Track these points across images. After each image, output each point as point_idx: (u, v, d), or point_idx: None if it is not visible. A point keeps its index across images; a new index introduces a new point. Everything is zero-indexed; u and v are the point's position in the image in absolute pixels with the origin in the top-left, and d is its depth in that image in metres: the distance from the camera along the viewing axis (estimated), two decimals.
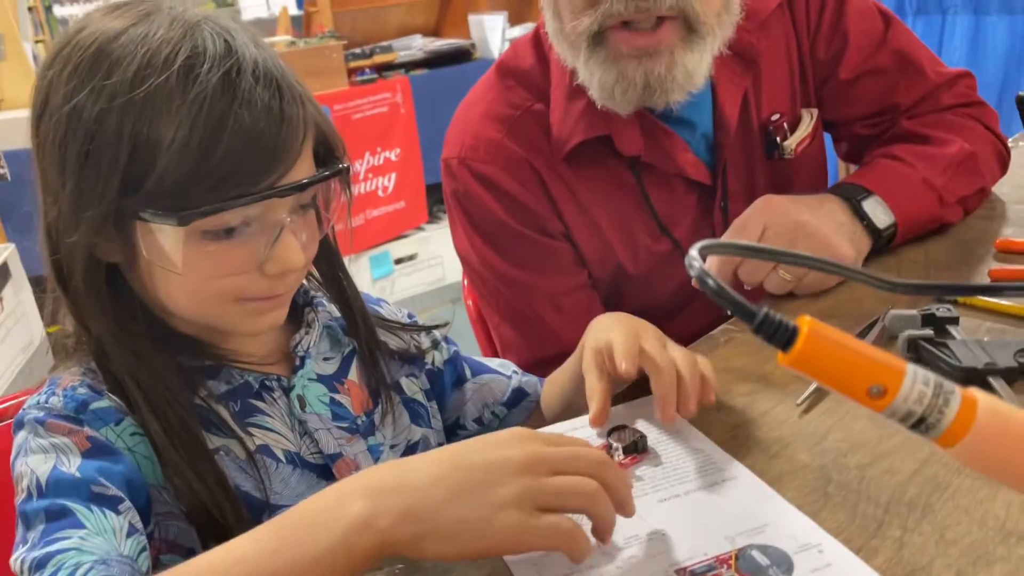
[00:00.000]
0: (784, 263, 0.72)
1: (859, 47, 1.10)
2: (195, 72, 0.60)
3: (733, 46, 1.02)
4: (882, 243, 1.02)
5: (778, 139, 1.08)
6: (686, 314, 1.12)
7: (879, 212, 1.01)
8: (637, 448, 0.70)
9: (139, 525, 0.61)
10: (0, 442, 0.80)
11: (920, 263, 1.02)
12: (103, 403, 0.66)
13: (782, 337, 0.37)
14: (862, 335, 0.86)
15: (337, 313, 0.82)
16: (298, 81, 0.66)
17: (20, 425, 0.66)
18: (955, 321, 0.84)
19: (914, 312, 0.84)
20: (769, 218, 0.95)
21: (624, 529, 0.60)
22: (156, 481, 0.66)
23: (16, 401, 0.94)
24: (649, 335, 0.73)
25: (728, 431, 0.74)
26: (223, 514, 0.65)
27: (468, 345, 1.17)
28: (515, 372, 0.92)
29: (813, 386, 0.78)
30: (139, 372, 0.66)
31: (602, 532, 0.54)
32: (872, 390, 0.36)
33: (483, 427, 0.90)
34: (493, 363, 0.92)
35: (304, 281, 0.80)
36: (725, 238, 0.95)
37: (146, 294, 0.68)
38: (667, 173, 1.05)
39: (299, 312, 0.79)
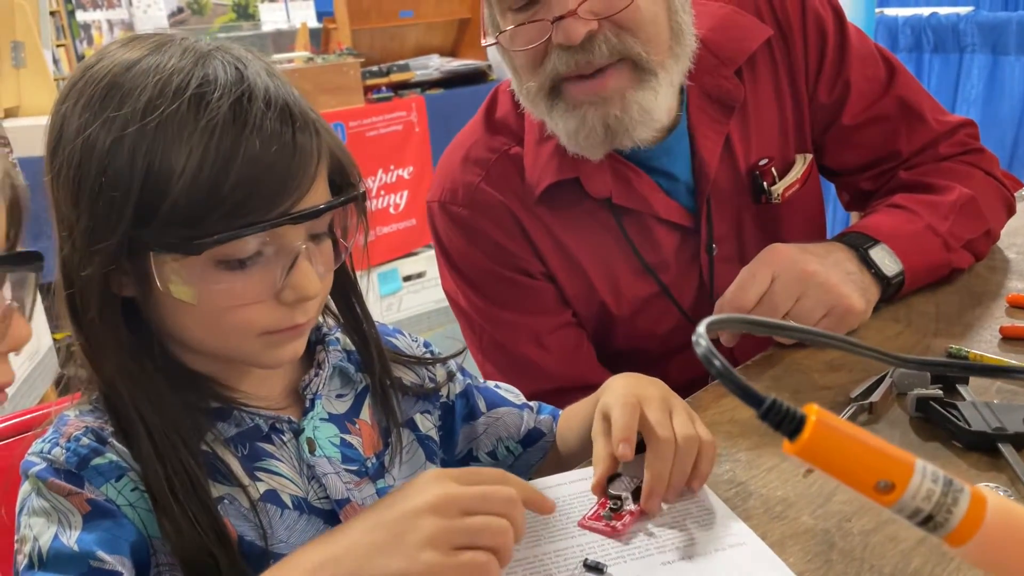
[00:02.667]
0: (794, 338, 0.70)
1: (862, 93, 1.10)
2: (206, 100, 0.60)
3: (710, 93, 1.04)
4: (891, 291, 1.01)
5: (765, 184, 1.07)
6: (681, 359, 1.10)
7: (887, 260, 1.00)
8: (639, 497, 0.69)
9: None
10: (5, 460, 0.81)
11: (931, 315, 1.01)
12: (104, 458, 0.65)
13: (789, 425, 0.36)
14: (870, 390, 0.85)
15: (350, 348, 0.80)
16: (311, 109, 0.66)
17: (26, 474, 0.65)
18: (965, 380, 0.83)
19: (919, 371, 0.83)
20: (777, 268, 0.94)
21: None
22: (156, 534, 0.65)
23: (22, 419, 0.93)
24: (654, 402, 0.72)
25: (731, 487, 0.73)
26: (216, 562, 0.64)
27: (469, 364, 1.17)
28: (528, 406, 0.90)
29: None
30: (148, 411, 0.65)
31: (503, 564, 0.57)
32: (880, 485, 0.35)
33: (496, 461, 0.89)
34: (508, 392, 0.91)
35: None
36: (731, 290, 0.93)
37: (163, 328, 0.67)
38: (644, 215, 1.05)
39: (311, 350, 0.79)
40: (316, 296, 0.66)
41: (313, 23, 3.75)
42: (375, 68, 3.30)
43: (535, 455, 0.88)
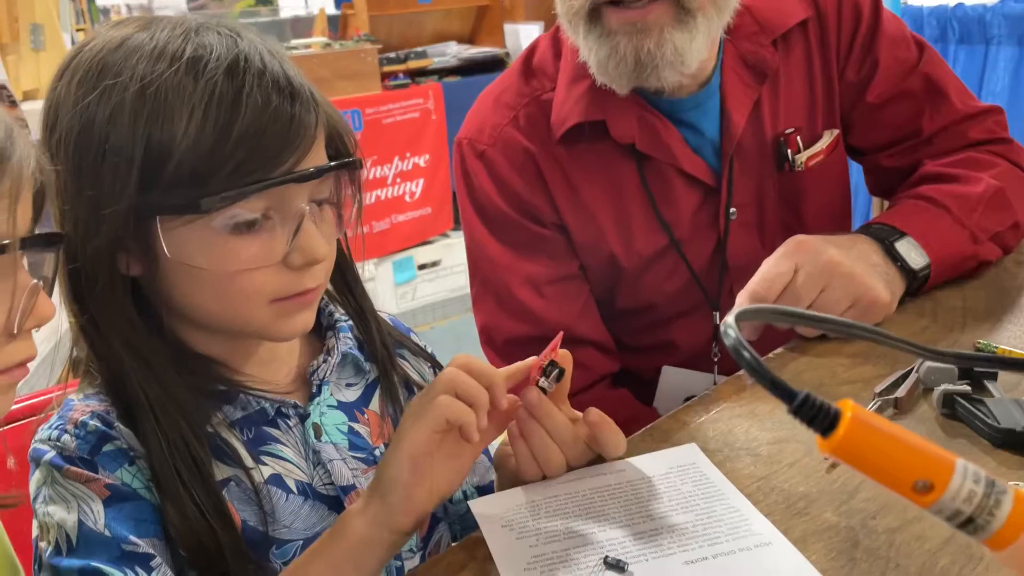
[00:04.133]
0: (825, 330, 0.68)
1: (889, 72, 1.09)
2: (203, 63, 0.61)
3: (747, 58, 1.05)
4: (917, 285, 0.99)
5: (789, 152, 1.08)
6: (687, 323, 1.11)
7: (913, 253, 0.99)
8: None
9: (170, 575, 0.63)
10: (17, 440, 0.80)
11: (958, 309, 0.99)
12: (114, 444, 0.65)
13: (822, 422, 0.35)
14: (895, 385, 0.83)
15: (355, 342, 0.80)
16: (305, 78, 0.67)
17: (36, 462, 0.65)
18: (993, 376, 0.81)
19: (950, 365, 0.81)
20: (800, 259, 0.92)
21: None
22: None
23: (35, 400, 0.93)
24: None
25: (752, 482, 0.71)
26: (217, 544, 0.64)
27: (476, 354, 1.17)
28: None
29: None
30: (153, 392, 0.65)
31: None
32: (918, 485, 0.33)
33: (451, 503, 0.83)
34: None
35: (326, 295, 0.78)
36: (755, 281, 0.92)
37: (170, 305, 0.67)
38: (667, 166, 1.06)
39: (322, 336, 0.78)
40: (323, 259, 0.66)
41: (332, 10, 3.74)
42: (392, 55, 3.29)
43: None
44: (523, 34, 3.51)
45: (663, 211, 1.07)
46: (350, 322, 0.80)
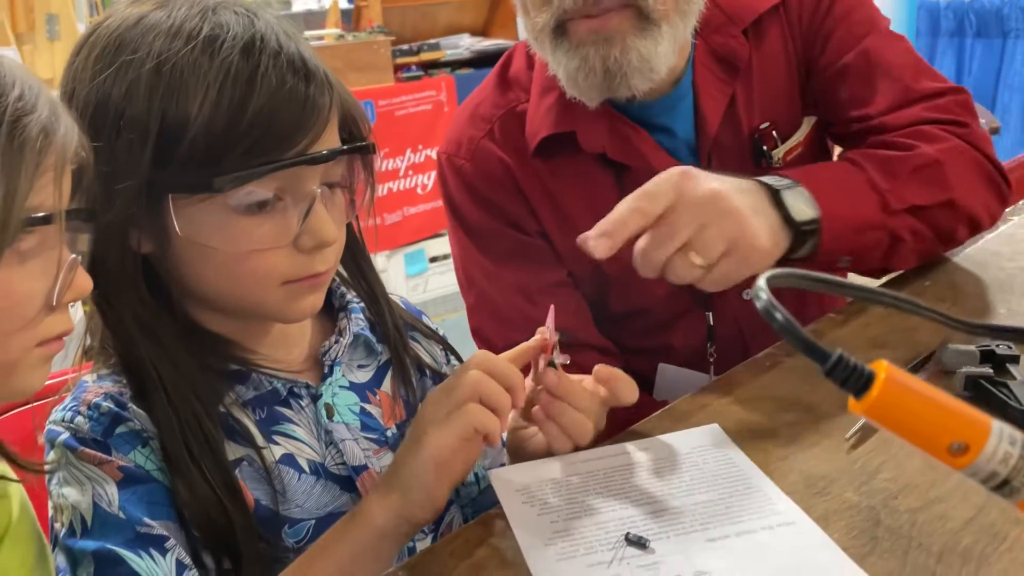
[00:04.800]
0: (855, 297, 0.63)
1: (835, 48, 1.04)
2: (219, 41, 0.62)
3: (717, 51, 1.03)
4: (804, 241, 0.89)
5: (765, 147, 1.05)
6: (680, 325, 1.09)
7: (801, 203, 0.89)
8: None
9: (186, 559, 0.63)
10: (28, 424, 0.81)
11: (977, 295, 0.98)
12: (127, 426, 0.65)
13: (856, 382, 0.34)
14: (915, 369, 0.82)
15: (367, 324, 0.80)
16: (319, 60, 0.67)
17: (50, 443, 0.66)
18: (1016, 360, 0.80)
19: (972, 348, 0.80)
20: (682, 187, 0.81)
21: (665, 569, 0.57)
22: None
23: (50, 382, 0.93)
24: None
25: (771, 463, 0.71)
26: (228, 521, 0.64)
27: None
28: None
29: (863, 420, 0.75)
30: (165, 369, 0.65)
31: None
32: (953, 446, 0.33)
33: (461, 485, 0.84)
34: None
35: (338, 277, 0.78)
36: (625, 205, 0.82)
37: (181, 284, 0.67)
38: (644, 173, 1.00)
39: (334, 317, 0.78)
40: (333, 242, 0.66)
41: (344, 4, 3.74)
42: (405, 47, 3.29)
43: (494, 496, 0.83)
44: None
45: None
46: (362, 304, 0.80)
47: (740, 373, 0.87)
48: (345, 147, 0.67)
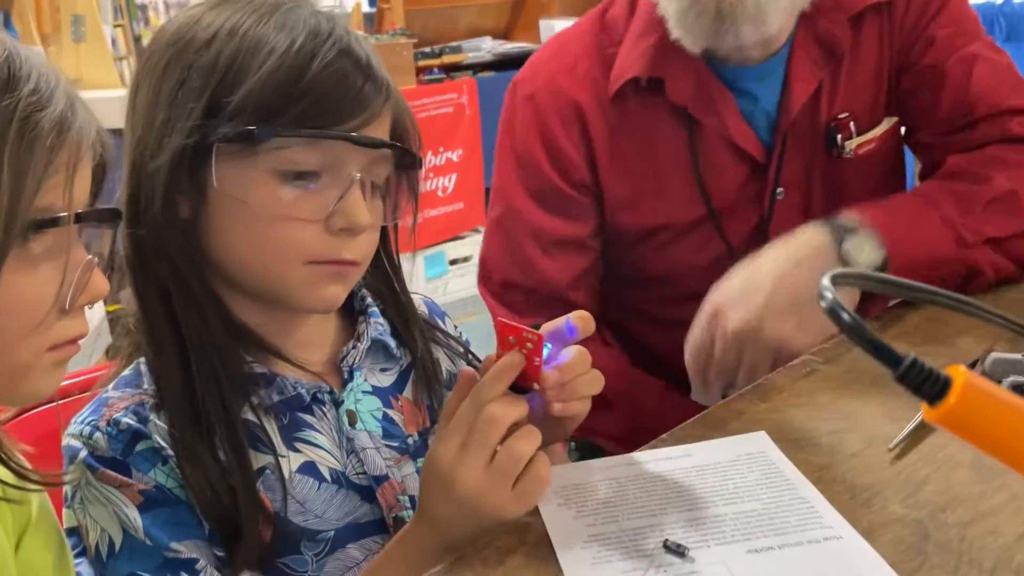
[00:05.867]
0: (915, 298, 0.62)
1: (938, 54, 1.04)
2: (291, 22, 0.65)
3: (819, 34, 1.03)
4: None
5: (839, 137, 1.05)
6: None
7: (866, 251, 0.91)
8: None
9: None
10: (48, 424, 0.80)
11: (1021, 300, 0.96)
12: (146, 443, 0.64)
13: (931, 389, 0.32)
14: None
15: (389, 328, 0.78)
16: (385, 71, 0.68)
17: (70, 458, 0.65)
18: None
19: (1018, 356, 0.78)
20: (715, 330, 0.92)
21: None
22: None
23: (72, 382, 0.92)
24: None
25: (812, 472, 0.69)
26: (233, 498, 0.64)
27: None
28: None
29: (908, 428, 0.72)
30: (192, 320, 0.65)
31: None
32: None
33: None
34: None
35: (362, 280, 0.77)
36: (688, 352, 0.93)
37: (213, 255, 0.67)
38: (717, 136, 1.03)
39: (353, 321, 0.77)
40: (364, 227, 0.66)
41: (367, 7, 3.75)
42: (427, 49, 3.28)
43: None
44: (558, 29, 3.48)
45: (706, 180, 1.05)
46: (382, 306, 0.78)
47: (777, 379, 0.85)
48: (389, 141, 0.68)
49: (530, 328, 0.62)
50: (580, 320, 0.64)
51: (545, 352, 0.63)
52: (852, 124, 1.05)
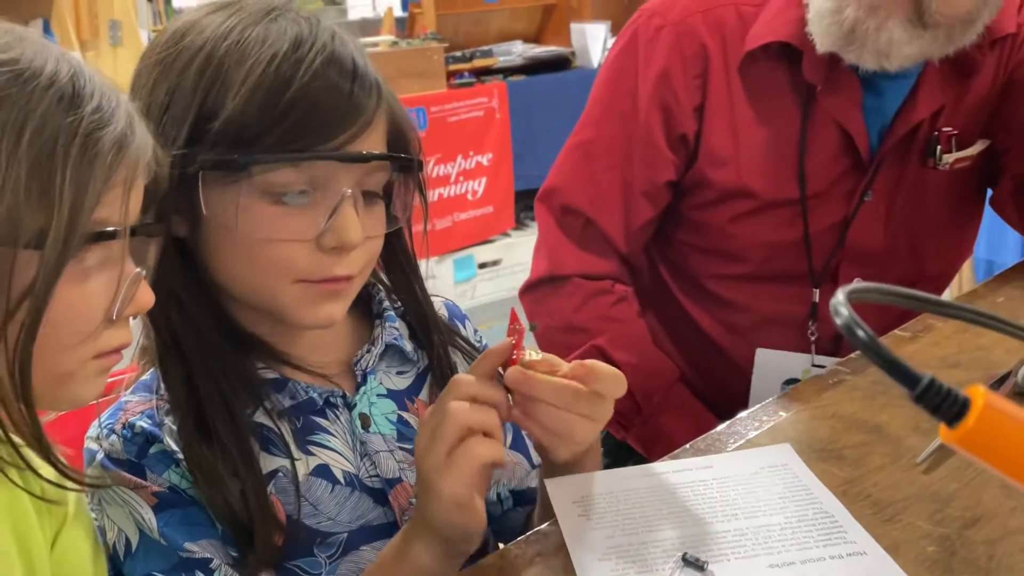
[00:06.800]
0: (934, 312, 0.61)
1: None
2: (271, 35, 0.63)
3: (957, 54, 1.01)
4: None
5: (939, 148, 1.04)
6: (780, 290, 1.07)
7: None
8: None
9: (233, 575, 0.64)
10: (77, 426, 0.81)
11: None
12: (160, 446, 0.65)
13: (949, 410, 0.31)
14: (991, 389, 0.78)
15: (406, 331, 0.78)
16: (376, 71, 0.67)
17: (89, 461, 0.66)
18: None
19: None
20: None
21: None
22: None
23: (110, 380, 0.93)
24: None
25: (836, 485, 0.67)
26: (248, 515, 0.64)
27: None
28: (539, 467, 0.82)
29: (937, 442, 0.71)
30: (190, 339, 0.65)
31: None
32: None
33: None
34: (531, 447, 0.82)
35: (380, 287, 0.77)
36: None
37: (211, 274, 0.67)
38: (833, 123, 1.03)
39: (370, 324, 0.76)
40: (356, 244, 0.64)
41: (399, 12, 3.76)
42: (458, 53, 3.29)
43: (518, 518, 0.80)
44: (589, 33, 3.47)
45: (808, 163, 1.04)
46: (401, 308, 0.78)
47: (803, 389, 0.84)
48: (377, 153, 0.65)
49: (520, 321, 0.62)
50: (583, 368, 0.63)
51: (536, 352, 0.63)
52: (953, 139, 1.05)
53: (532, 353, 0.63)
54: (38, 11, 2.67)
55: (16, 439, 0.53)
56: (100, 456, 0.65)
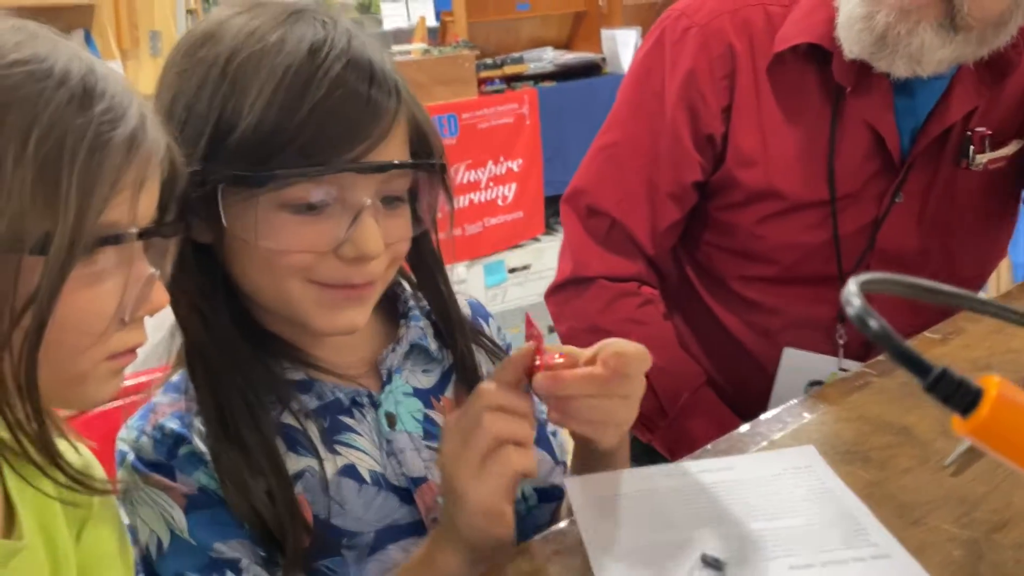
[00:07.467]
0: (951, 304, 0.61)
1: None
2: (288, 42, 0.62)
3: (991, 55, 0.99)
4: None
5: (972, 148, 1.03)
6: (808, 292, 1.05)
7: None
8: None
9: (263, 574, 0.64)
10: (108, 425, 0.82)
11: None
12: (189, 447, 0.65)
13: (962, 400, 0.31)
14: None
15: (431, 330, 0.78)
16: (398, 74, 0.66)
17: (120, 460, 0.67)
18: None
19: None
20: None
21: None
22: None
23: (139, 381, 0.94)
24: None
25: (861, 488, 0.66)
26: (275, 517, 0.64)
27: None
28: (564, 464, 0.83)
29: (965, 444, 0.69)
30: (215, 341, 0.66)
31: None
32: None
33: None
34: (555, 444, 0.83)
35: (406, 287, 0.77)
36: None
37: (235, 279, 0.67)
38: (864, 125, 1.02)
39: (395, 324, 0.77)
40: (376, 255, 0.64)
41: (432, 22, 3.79)
42: (489, 60, 3.30)
43: (543, 515, 0.79)
44: (620, 40, 3.47)
45: (837, 164, 1.03)
46: (426, 306, 0.78)
47: (829, 391, 0.83)
48: (397, 162, 0.64)
49: (535, 326, 0.62)
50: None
51: (556, 354, 0.62)
52: (986, 139, 1.03)
53: (555, 356, 0.63)
54: (79, 21, 2.74)
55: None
56: (131, 457, 0.66)
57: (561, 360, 0.62)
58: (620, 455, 0.71)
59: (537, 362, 0.62)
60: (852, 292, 0.34)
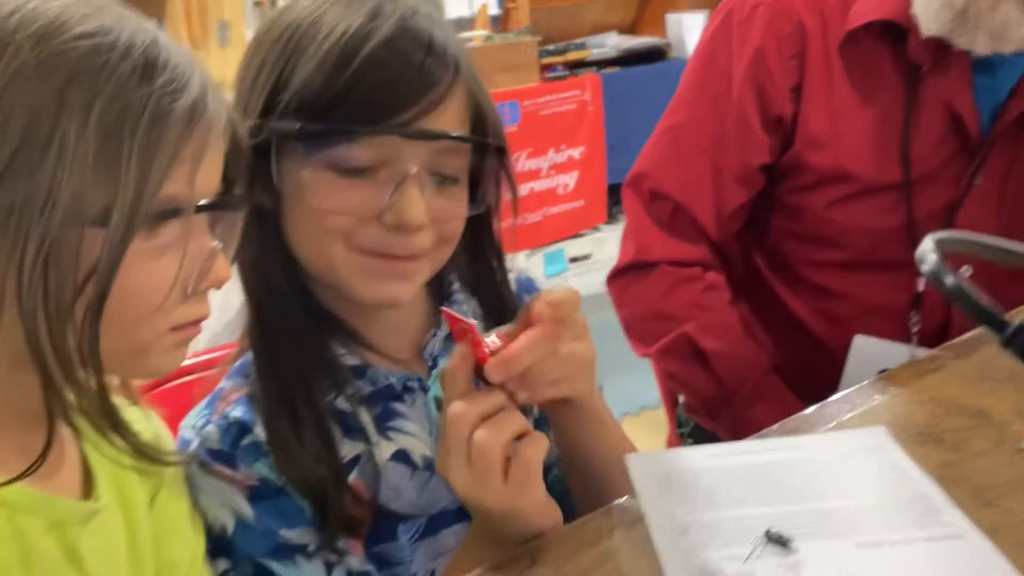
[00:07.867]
0: None
1: None
2: (351, 9, 0.63)
3: None
4: None
5: None
6: (881, 279, 1.03)
7: None
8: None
9: (332, 558, 0.65)
10: (183, 400, 0.84)
11: None
12: (252, 437, 0.66)
13: None
14: None
15: (479, 311, 0.77)
16: (466, 55, 0.66)
17: (184, 445, 0.67)
18: None
19: None
20: None
21: (807, 571, 0.53)
22: None
23: (210, 356, 0.95)
24: None
25: (934, 470, 0.64)
26: (322, 479, 0.65)
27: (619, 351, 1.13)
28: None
29: None
30: (277, 317, 0.67)
31: None
32: None
33: None
34: None
35: (454, 270, 0.76)
36: None
37: (291, 246, 0.67)
38: (941, 105, 0.99)
39: (437, 308, 0.76)
40: (417, 225, 0.63)
41: (494, 9, 3.80)
42: (552, 47, 3.29)
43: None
44: (686, 24, 3.42)
45: (913, 146, 1.00)
46: (471, 293, 0.77)
47: (900, 373, 0.81)
48: (443, 132, 0.63)
49: (464, 319, 0.58)
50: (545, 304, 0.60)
51: (492, 336, 0.59)
52: None
53: (493, 340, 0.60)
54: (152, 11, 2.82)
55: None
56: (195, 445, 0.66)
57: (500, 342, 0.59)
58: (597, 400, 0.68)
59: (480, 355, 0.59)
60: (928, 249, 0.33)
